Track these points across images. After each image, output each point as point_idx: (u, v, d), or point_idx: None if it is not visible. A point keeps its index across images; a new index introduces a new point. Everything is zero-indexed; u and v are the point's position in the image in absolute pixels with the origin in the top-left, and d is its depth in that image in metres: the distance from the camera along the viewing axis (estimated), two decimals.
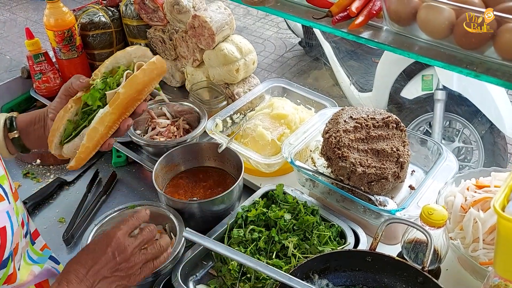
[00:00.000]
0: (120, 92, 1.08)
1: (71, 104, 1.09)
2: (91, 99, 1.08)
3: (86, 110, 1.10)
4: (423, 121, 3.27)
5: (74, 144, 1.09)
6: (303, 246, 1.31)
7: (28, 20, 6.28)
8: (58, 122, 1.09)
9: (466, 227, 1.20)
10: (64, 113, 1.09)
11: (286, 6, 1.14)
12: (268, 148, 1.62)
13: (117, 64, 1.14)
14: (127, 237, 1.05)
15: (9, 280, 0.95)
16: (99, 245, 1.02)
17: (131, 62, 1.14)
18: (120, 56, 1.13)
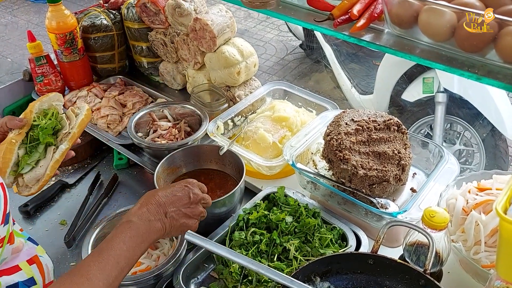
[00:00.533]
0: (75, 132, 1.39)
1: (14, 139, 1.28)
2: (42, 136, 1.32)
3: (34, 145, 1.32)
4: (424, 124, 3.26)
5: (36, 174, 1.32)
6: (304, 248, 1.31)
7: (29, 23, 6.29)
8: (6, 155, 1.26)
9: (467, 229, 1.20)
10: (9, 147, 1.27)
11: (288, 9, 1.14)
12: (270, 150, 1.62)
13: (42, 107, 1.38)
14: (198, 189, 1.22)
15: (10, 239, 1.00)
16: (178, 185, 1.20)
17: (51, 105, 1.40)
18: (44, 100, 1.38)
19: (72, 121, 1.41)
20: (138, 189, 1.69)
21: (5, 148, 1.27)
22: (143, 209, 1.10)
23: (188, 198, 1.17)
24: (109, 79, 2.16)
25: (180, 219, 1.14)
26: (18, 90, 2.09)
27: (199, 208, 1.20)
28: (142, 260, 1.31)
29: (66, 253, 1.45)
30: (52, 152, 1.35)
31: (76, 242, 1.48)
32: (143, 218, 1.08)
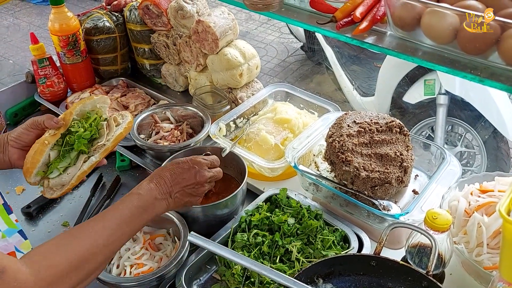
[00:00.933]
0: (109, 146, 1.37)
1: (48, 141, 1.27)
2: (77, 145, 1.31)
3: (67, 149, 1.31)
4: (426, 126, 3.27)
5: (62, 180, 1.31)
6: (306, 250, 1.31)
7: (31, 25, 6.31)
8: (36, 156, 1.26)
9: (470, 231, 1.20)
10: (41, 148, 1.26)
11: (291, 12, 1.14)
12: (272, 152, 1.62)
13: (84, 109, 1.36)
14: (207, 168, 1.30)
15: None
16: (187, 164, 1.26)
17: (95, 107, 1.39)
18: (88, 102, 1.37)
19: (111, 131, 1.39)
20: None
21: (36, 148, 1.26)
22: (151, 184, 1.17)
23: (194, 179, 1.24)
24: (112, 81, 2.17)
25: (184, 198, 1.23)
26: (21, 92, 2.09)
27: (204, 187, 1.27)
28: (144, 261, 1.31)
29: None
30: (83, 161, 1.33)
31: None
32: (150, 194, 1.15)
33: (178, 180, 1.21)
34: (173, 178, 1.21)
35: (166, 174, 1.21)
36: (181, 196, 1.22)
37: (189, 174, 1.23)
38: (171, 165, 1.26)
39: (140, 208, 1.11)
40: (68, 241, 0.97)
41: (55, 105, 2.01)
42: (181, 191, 1.22)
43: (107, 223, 1.03)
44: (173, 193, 1.20)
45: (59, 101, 2.02)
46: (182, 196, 1.22)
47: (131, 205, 1.10)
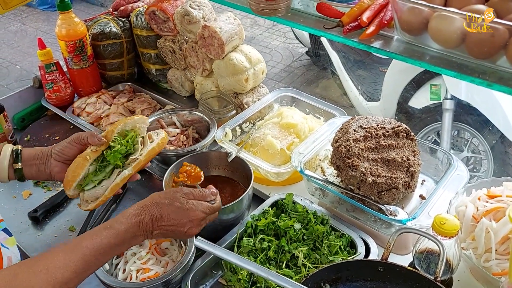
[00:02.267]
0: (142, 160, 1.40)
1: (89, 156, 1.32)
2: (113, 159, 1.35)
3: (104, 164, 1.36)
4: (432, 131, 3.25)
5: (96, 192, 1.34)
6: (313, 255, 1.30)
7: (38, 30, 6.36)
8: (78, 169, 1.31)
9: (478, 237, 1.19)
10: (83, 162, 1.31)
11: (297, 16, 1.15)
12: (278, 157, 1.62)
13: (125, 128, 1.42)
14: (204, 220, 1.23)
15: None
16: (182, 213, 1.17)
17: (135, 126, 1.44)
18: (129, 122, 1.42)
19: (145, 147, 1.43)
20: (146, 195, 1.65)
21: (78, 163, 1.32)
22: (136, 219, 1.12)
23: (182, 227, 1.18)
24: (118, 86, 2.18)
25: (164, 235, 1.18)
26: (28, 97, 2.10)
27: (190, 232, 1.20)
28: (150, 266, 1.31)
29: None
30: (116, 175, 1.37)
31: None
32: (130, 232, 1.10)
33: (164, 219, 1.15)
34: (161, 216, 1.15)
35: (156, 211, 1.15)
36: (162, 235, 1.17)
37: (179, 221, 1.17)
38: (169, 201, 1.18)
39: (113, 246, 1.07)
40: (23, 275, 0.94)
41: (62, 110, 2.02)
42: (164, 232, 1.16)
43: (73, 257, 0.99)
44: (155, 232, 1.15)
45: (66, 106, 2.03)
46: (163, 235, 1.18)
47: (107, 241, 1.06)
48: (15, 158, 1.32)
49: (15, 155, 1.32)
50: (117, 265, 1.35)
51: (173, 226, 1.16)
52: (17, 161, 1.32)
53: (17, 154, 1.33)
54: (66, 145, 1.35)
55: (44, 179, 1.37)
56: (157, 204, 1.16)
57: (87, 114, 1.96)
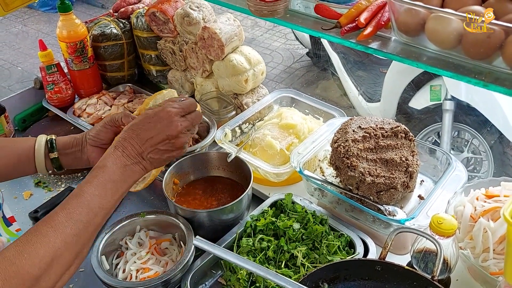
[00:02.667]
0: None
1: None
2: None
3: None
4: (432, 131, 3.26)
5: None
6: (312, 255, 1.31)
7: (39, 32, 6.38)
8: None
9: (476, 236, 1.20)
10: None
11: (296, 18, 1.15)
12: (277, 157, 1.63)
13: (156, 103, 1.37)
14: (179, 117, 1.15)
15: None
16: (154, 119, 1.12)
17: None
18: (158, 97, 1.41)
19: None
20: (147, 195, 1.71)
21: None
22: (117, 152, 1.07)
23: (164, 134, 1.11)
24: (119, 87, 2.18)
25: (160, 156, 1.12)
26: (29, 98, 2.11)
27: (181, 140, 1.15)
28: (150, 266, 1.32)
29: None
30: None
31: None
32: (117, 163, 1.05)
33: (146, 139, 1.10)
34: (140, 138, 1.10)
35: (131, 135, 1.10)
36: (155, 155, 1.11)
37: (157, 130, 1.11)
38: (136, 123, 1.14)
39: (108, 183, 1.02)
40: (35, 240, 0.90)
41: (63, 111, 2.03)
42: (154, 150, 1.11)
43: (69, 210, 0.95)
44: (145, 154, 1.09)
45: (67, 107, 2.04)
46: (157, 154, 1.12)
47: (97, 182, 1.01)
48: (50, 148, 1.26)
49: (49, 145, 1.27)
50: (117, 265, 1.35)
51: (157, 136, 1.11)
52: (53, 150, 1.26)
53: (51, 143, 1.27)
54: (100, 129, 1.29)
55: (82, 166, 1.30)
56: (128, 130, 1.13)
57: (88, 115, 1.97)
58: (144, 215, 1.42)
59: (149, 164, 1.11)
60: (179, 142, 1.15)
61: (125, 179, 1.07)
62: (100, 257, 1.30)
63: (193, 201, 1.52)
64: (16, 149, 1.25)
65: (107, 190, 1.02)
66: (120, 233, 1.40)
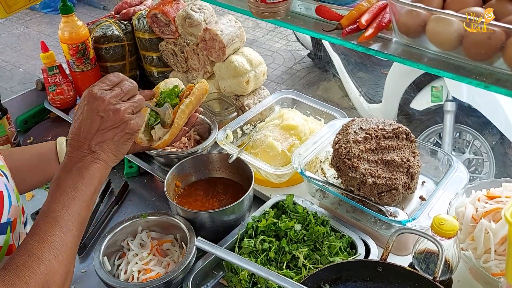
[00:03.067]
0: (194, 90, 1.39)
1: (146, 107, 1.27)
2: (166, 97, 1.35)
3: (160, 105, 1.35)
4: (433, 133, 3.26)
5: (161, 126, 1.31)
6: (313, 256, 1.31)
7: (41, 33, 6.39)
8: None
9: (477, 237, 1.20)
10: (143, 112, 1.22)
11: (297, 19, 1.16)
12: (278, 158, 1.63)
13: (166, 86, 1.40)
14: (103, 91, 1.04)
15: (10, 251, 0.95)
16: (79, 110, 1.03)
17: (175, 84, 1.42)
18: (168, 81, 1.42)
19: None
20: (148, 197, 1.71)
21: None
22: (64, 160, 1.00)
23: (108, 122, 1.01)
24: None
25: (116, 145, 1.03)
26: (31, 100, 2.12)
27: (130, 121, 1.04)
28: (152, 267, 1.32)
29: (77, 260, 1.47)
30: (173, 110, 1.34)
31: (87, 249, 1.49)
32: (68, 169, 0.97)
33: (84, 131, 1.00)
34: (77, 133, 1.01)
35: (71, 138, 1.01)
36: (108, 145, 1.01)
37: (87, 116, 1.00)
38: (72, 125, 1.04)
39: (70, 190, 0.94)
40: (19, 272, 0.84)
41: (65, 112, 2.04)
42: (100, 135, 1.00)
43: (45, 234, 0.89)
44: (93, 146, 0.99)
45: (68, 108, 2.04)
46: (110, 143, 1.01)
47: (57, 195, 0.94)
48: None
49: None
50: (119, 266, 1.36)
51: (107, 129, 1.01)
52: None
53: None
54: None
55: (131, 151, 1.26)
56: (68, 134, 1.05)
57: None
58: (145, 216, 1.42)
59: (104, 155, 1.01)
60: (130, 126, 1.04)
61: (86, 179, 0.97)
62: (102, 258, 1.31)
63: (194, 202, 1.52)
64: (36, 151, 1.24)
65: (70, 200, 0.94)
66: (122, 234, 1.40)
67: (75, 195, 0.95)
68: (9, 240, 0.94)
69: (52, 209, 0.93)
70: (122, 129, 1.03)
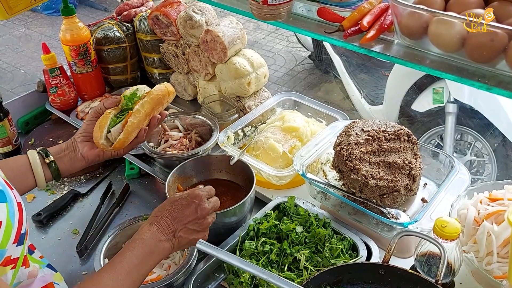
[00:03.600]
0: (152, 90, 1.41)
1: (110, 111, 1.37)
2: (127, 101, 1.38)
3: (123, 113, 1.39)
4: (435, 134, 3.25)
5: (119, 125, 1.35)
6: (315, 259, 1.31)
7: (42, 35, 6.40)
8: (104, 120, 1.35)
9: (479, 240, 1.19)
10: (106, 115, 1.36)
11: (298, 21, 1.15)
12: (280, 160, 1.63)
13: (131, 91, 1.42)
14: (206, 199, 1.23)
15: (25, 262, 1.01)
16: (185, 200, 1.20)
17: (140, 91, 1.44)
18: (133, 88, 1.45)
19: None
20: (150, 198, 1.71)
21: (102, 117, 1.36)
22: (152, 228, 1.14)
23: (195, 214, 1.19)
24: (121, 90, 2.19)
25: (189, 236, 1.18)
26: (32, 101, 2.12)
27: (207, 220, 1.22)
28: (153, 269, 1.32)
29: (78, 262, 1.46)
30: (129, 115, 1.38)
31: (88, 251, 1.49)
32: (153, 237, 1.12)
33: (179, 218, 1.17)
34: (173, 217, 1.16)
35: (165, 214, 1.17)
36: (185, 234, 1.17)
37: (189, 210, 1.18)
38: (169, 203, 1.21)
39: (146, 254, 1.09)
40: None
41: (66, 113, 2.04)
42: (184, 229, 1.17)
43: (115, 274, 1.03)
44: (176, 233, 1.16)
45: (70, 110, 2.04)
46: (186, 234, 1.17)
47: (137, 252, 1.08)
48: (44, 155, 1.30)
49: (43, 153, 1.30)
50: None
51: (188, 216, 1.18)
52: (47, 155, 1.30)
53: (44, 151, 1.30)
54: (87, 123, 1.37)
55: (79, 166, 1.34)
56: (162, 210, 1.19)
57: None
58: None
59: (176, 243, 1.16)
60: (205, 224, 1.21)
61: (157, 255, 1.12)
62: (103, 260, 1.31)
63: None
64: (9, 165, 1.26)
65: (145, 260, 1.09)
66: (123, 236, 1.40)
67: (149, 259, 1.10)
68: (24, 251, 0.99)
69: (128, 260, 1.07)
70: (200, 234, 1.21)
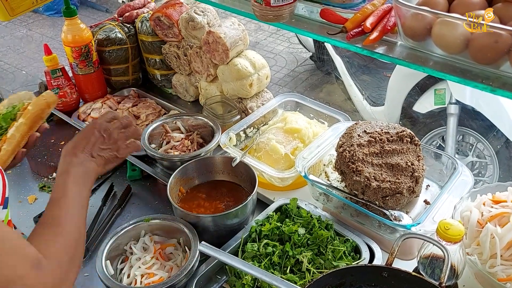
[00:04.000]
0: (29, 108, 1.34)
1: None
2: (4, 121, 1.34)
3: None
4: (436, 135, 3.25)
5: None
6: (317, 261, 1.30)
7: (44, 36, 6.40)
8: None
9: (483, 242, 1.19)
10: None
11: (301, 22, 1.15)
12: (282, 162, 1.62)
13: (11, 104, 1.39)
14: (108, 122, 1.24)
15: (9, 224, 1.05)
16: (87, 130, 1.22)
17: (22, 102, 1.39)
18: (13, 98, 1.40)
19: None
20: (151, 200, 1.70)
21: None
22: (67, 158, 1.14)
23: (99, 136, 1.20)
24: (123, 91, 2.19)
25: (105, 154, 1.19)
26: None
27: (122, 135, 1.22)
28: (155, 271, 1.31)
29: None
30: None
31: (90, 253, 1.49)
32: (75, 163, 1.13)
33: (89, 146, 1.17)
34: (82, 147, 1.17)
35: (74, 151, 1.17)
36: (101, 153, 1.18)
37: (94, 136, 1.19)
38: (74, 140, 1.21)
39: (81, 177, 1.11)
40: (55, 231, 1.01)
41: (68, 115, 2.04)
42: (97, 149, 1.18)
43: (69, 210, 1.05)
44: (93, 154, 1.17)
45: (72, 111, 2.04)
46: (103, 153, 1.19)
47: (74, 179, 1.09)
48: None
49: None
50: (122, 269, 1.35)
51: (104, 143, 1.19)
52: None
53: None
54: None
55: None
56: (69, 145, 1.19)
57: (93, 120, 1.98)
58: (148, 220, 1.42)
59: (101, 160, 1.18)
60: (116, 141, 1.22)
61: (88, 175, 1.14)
62: (104, 262, 1.30)
63: (197, 206, 1.51)
64: None
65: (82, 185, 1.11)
66: (125, 238, 1.40)
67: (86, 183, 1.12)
68: (8, 216, 1.02)
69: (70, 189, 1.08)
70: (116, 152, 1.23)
